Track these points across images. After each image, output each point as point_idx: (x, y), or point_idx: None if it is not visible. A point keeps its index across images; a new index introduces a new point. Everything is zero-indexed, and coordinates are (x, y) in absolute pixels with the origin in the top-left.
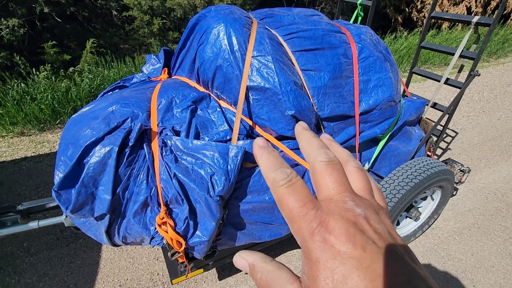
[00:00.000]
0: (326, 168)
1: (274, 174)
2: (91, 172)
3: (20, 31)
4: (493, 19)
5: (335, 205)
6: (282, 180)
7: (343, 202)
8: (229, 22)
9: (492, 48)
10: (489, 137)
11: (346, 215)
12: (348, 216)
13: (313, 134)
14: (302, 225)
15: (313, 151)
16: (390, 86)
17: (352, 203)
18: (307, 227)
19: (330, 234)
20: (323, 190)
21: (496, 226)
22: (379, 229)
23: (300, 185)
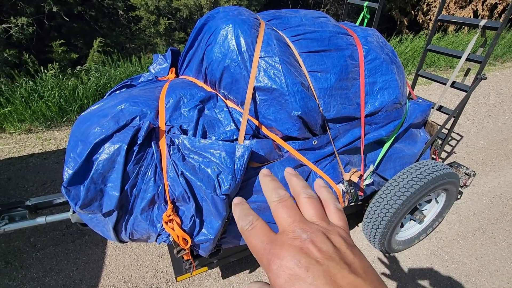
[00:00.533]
0: (278, 206)
1: (241, 222)
2: (100, 169)
3: (28, 29)
4: (501, 23)
5: (286, 237)
6: (246, 225)
7: (292, 232)
8: (238, 23)
9: (498, 51)
10: (494, 141)
11: (294, 243)
12: (296, 243)
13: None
14: (263, 258)
15: (268, 194)
16: (396, 89)
17: (300, 231)
18: (266, 259)
19: (282, 261)
20: (279, 225)
21: (501, 230)
22: (324, 248)
23: (260, 227)
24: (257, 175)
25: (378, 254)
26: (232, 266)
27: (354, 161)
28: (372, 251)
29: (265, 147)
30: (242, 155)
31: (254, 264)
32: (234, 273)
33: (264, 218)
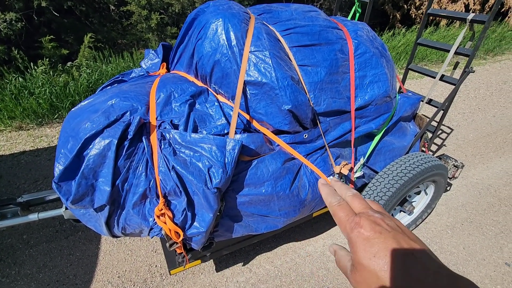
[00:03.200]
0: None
1: (330, 199)
2: (91, 164)
3: (17, 25)
4: (488, 17)
5: (364, 214)
6: (335, 202)
7: (367, 212)
8: (227, 17)
9: (489, 45)
10: (483, 134)
11: (370, 218)
12: (371, 218)
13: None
14: (346, 226)
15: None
16: (385, 82)
17: (372, 212)
18: (349, 226)
19: (361, 228)
20: (356, 209)
21: (488, 220)
22: (390, 223)
23: (345, 205)
24: (248, 169)
25: None
26: (225, 259)
27: (344, 154)
28: None
29: (256, 141)
30: (232, 149)
31: (247, 257)
32: (227, 266)
33: (254, 210)
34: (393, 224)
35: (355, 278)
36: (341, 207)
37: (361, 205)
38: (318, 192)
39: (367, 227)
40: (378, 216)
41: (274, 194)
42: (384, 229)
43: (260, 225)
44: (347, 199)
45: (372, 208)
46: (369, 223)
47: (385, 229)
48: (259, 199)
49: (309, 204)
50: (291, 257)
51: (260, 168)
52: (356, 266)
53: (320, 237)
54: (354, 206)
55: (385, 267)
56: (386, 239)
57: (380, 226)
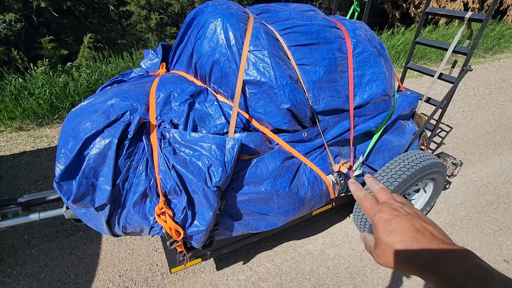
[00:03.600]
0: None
1: (358, 192)
2: (91, 163)
3: (16, 25)
4: (485, 15)
5: (386, 203)
6: (362, 195)
7: (389, 201)
8: (226, 17)
9: (488, 44)
10: (482, 132)
11: (391, 206)
12: (391, 206)
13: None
14: (371, 212)
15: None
16: (384, 81)
17: (393, 201)
18: (373, 212)
19: (382, 213)
20: (381, 199)
21: (487, 218)
22: (408, 210)
23: (370, 197)
24: (247, 167)
25: None
26: (226, 258)
27: (343, 152)
28: None
29: (255, 139)
30: (232, 148)
31: (248, 255)
32: (228, 264)
33: (254, 209)
34: (411, 211)
35: (376, 252)
36: (366, 198)
37: (386, 196)
38: (318, 190)
39: (387, 212)
40: (398, 204)
41: (273, 193)
42: (402, 213)
43: (260, 223)
44: (375, 191)
45: (395, 199)
46: (389, 209)
47: (402, 213)
48: (259, 198)
49: (309, 202)
50: (291, 255)
51: (260, 166)
52: (377, 243)
53: (320, 235)
54: (380, 197)
55: (399, 241)
56: (402, 220)
57: (398, 211)
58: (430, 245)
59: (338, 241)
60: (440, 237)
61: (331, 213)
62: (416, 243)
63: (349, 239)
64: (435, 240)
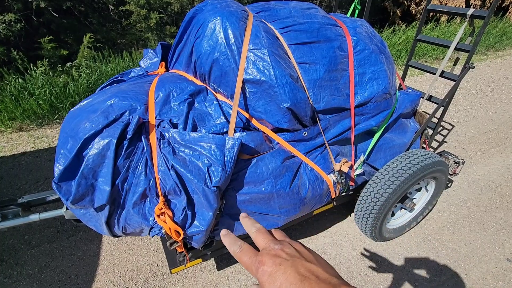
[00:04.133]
0: (257, 234)
1: (232, 247)
2: (90, 163)
3: (16, 26)
4: (488, 12)
5: (265, 250)
6: (237, 249)
7: (268, 247)
8: (225, 15)
9: (490, 41)
10: (485, 130)
11: (270, 252)
12: (271, 252)
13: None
14: (252, 268)
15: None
16: (385, 79)
17: (272, 245)
18: (254, 268)
19: (264, 265)
20: (259, 246)
21: (490, 216)
22: (289, 251)
23: (246, 248)
24: (247, 167)
25: (370, 243)
26: (226, 258)
27: (344, 151)
28: (364, 239)
29: (256, 139)
30: (232, 147)
31: None
32: (228, 264)
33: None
34: (292, 251)
35: None
36: (243, 252)
37: (264, 239)
38: (318, 190)
39: (269, 263)
40: (278, 247)
41: (274, 192)
42: (284, 259)
43: (261, 223)
44: (252, 236)
45: (274, 240)
46: (270, 257)
47: (285, 259)
48: (259, 197)
49: (309, 202)
50: None
51: (260, 166)
52: None
53: (321, 235)
54: (258, 243)
55: None
56: (286, 269)
57: (279, 257)
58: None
59: (339, 241)
60: (325, 277)
61: (332, 212)
62: None
63: (350, 238)
64: (321, 285)
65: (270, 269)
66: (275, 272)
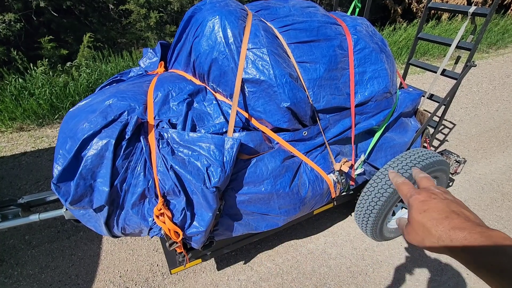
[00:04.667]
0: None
1: (397, 178)
2: (89, 164)
3: (16, 26)
4: (490, 9)
5: (426, 189)
6: (401, 180)
7: (429, 187)
8: (224, 14)
9: (492, 39)
10: (486, 128)
11: (430, 191)
12: (430, 191)
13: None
14: (408, 195)
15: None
16: (385, 78)
17: (434, 188)
18: (409, 194)
19: (419, 195)
20: (422, 185)
21: (491, 216)
22: (448, 196)
23: (409, 183)
24: (247, 167)
25: (371, 242)
26: (226, 258)
27: (345, 151)
28: (365, 239)
29: (255, 139)
30: (231, 148)
31: (248, 255)
32: (229, 264)
33: (254, 209)
34: (451, 197)
35: (407, 229)
36: (404, 183)
37: (427, 184)
38: (318, 190)
39: (424, 195)
40: (438, 191)
41: (274, 192)
42: (439, 197)
43: (260, 223)
44: (417, 179)
45: (437, 186)
46: (427, 193)
47: (440, 197)
48: (259, 198)
49: (309, 202)
50: (293, 254)
51: (259, 166)
52: (409, 221)
53: (322, 235)
54: (422, 184)
55: (431, 218)
56: (438, 202)
57: (436, 195)
58: (463, 225)
59: (340, 240)
60: (475, 220)
61: (333, 212)
62: (448, 222)
63: (350, 238)
64: (469, 221)
65: (423, 198)
66: (427, 201)
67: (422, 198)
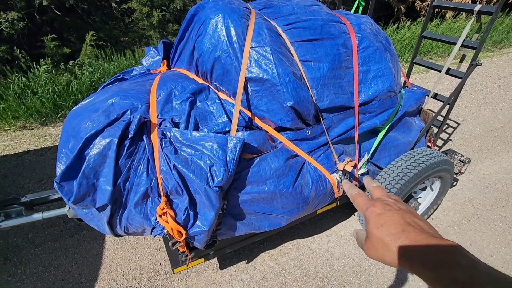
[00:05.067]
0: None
1: (351, 190)
2: (91, 163)
3: (19, 24)
4: (496, 8)
5: (379, 199)
6: (355, 192)
7: (383, 197)
8: (227, 12)
9: (496, 37)
10: (491, 128)
11: (384, 202)
12: (384, 202)
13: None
14: (364, 207)
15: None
16: (390, 77)
17: (387, 198)
18: (365, 207)
19: (374, 207)
20: (375, 196)
21: (496, 216)
22: (401, 206)
23: (363, 193)
24: (250, 167)
25: None
26: (229, 257)
27: (348, 150)
28: None
29: (258, 138)
30: (234, 147)
31: (251, 255)
32: (231, 263)
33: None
34: (404, 207)
35: (367, 245)
36: (359, 194)
37: (380, 193)
38: (322, 190)
39: (379, 206)
40: (391, 201)
41: (277, 192)
42: (394, 208)
43: (263, 223)
44: (370, 189)
45: (389, 196)
46: (382, 204)
47: (395, 208)
48: (262, 197)
49: (313, 201)
50: (295, 254)
51: (263, 165)
52: (368, 236)
53: (325, 234)
54: (375, 194)
55: (389, 233)
56: (393, 214)
57: (390, 206)
58: (419, 238)
59: (343, 240)
60: (429, 231)
61: (336, 211)
62: (406, 236)
63: (353, 238)
64: (424, 233)
65: (379, 210)
66: (382, 213)
67: (378, 211)
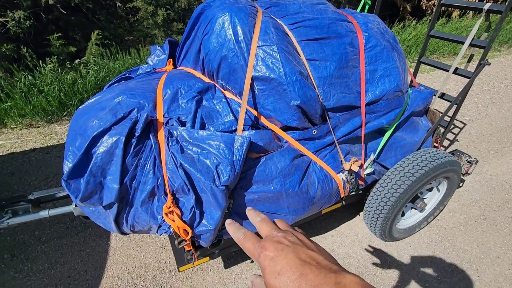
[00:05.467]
0: (261, 223)
1: (237, 234)
2: (99, 161)
3: (26, 23)
4: (505, 6)
5: (268, 238)
6: (241, 235)
7: (271, 234)
8: (234, 11)
9: (504, 36)
10: (498, 128)
11: (273, 239)
12: (274, 239)
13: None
14: (255, 253)
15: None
16: (397, 76)
17: (275, 232)
18: (257, 253)
19: (266, 250)
20: (263, 233)
21: (503, 217)
22: (291, 239)
23: (250, 235)
24: (256, 166)
25: (379, 243)
26: (234, 256)
27: (354, 150)
28: (373, 239)
29: (264, 137)
30: (240, 146)
31: None
32: (236, 262)
33: (263, 208)
34: (294, 239)
35: None
36: (246, 238)
37: (267, 228)
38: (328, 189)
39: (271, 248)
40: (281, 235)
41: (283, 191)
42: (286, 245)
43: None
44: (256, 225)
45: (277, 228)
46: (272, 244)
47: (286, 245)
48: (268, 197)
49: (319, 201)
50: None
51: (269, 165)
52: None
53: (329, 234)
54: (262, 231)
55: (288, 282)
56: (287, 254)
57: (282, 244)
58: (318, 279)
59: (348, 240)
60: (325, 264)
61: (341, 211)
62: (305, 280)
63: (358, 238)
64: (321, 269)
65: (272, 254)
66: (276, 257)
67: (271, 254)
